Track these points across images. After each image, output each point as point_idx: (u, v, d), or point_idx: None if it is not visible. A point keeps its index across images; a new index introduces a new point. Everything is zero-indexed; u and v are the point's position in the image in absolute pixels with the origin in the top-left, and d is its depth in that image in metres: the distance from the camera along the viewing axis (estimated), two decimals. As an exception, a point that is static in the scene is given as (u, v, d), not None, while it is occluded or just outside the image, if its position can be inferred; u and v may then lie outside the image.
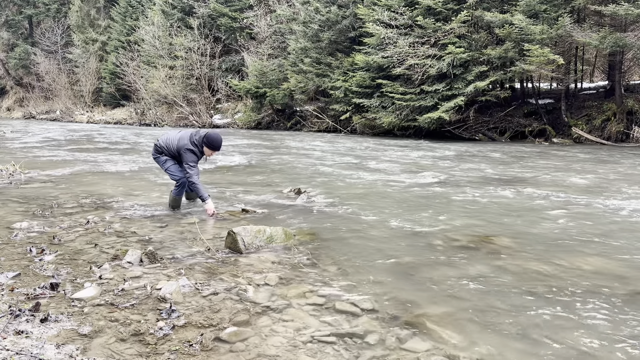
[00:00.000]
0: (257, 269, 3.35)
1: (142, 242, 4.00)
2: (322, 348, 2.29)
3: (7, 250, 3.68)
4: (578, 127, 14.51)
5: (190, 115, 26.11)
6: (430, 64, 15.00)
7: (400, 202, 5.73)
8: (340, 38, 19.13)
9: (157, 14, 28.31)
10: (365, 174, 8.07)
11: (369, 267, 3.41)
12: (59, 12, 40.84)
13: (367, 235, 4.25)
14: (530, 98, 16.93)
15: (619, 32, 12.85)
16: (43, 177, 7.52)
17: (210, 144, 4.96)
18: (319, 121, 20.42)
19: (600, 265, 3.46)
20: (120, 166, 9.03)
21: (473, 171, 8.44)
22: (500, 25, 14.12)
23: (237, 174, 7.95)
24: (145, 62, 29.04)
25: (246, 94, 23.33)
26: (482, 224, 4.71)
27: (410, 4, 15.74)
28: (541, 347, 2.30)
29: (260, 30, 23.78)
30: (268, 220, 4.73)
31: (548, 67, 13.92)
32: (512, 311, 2.69)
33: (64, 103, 36.10)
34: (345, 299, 2.84)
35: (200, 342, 2.32)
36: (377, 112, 16.64)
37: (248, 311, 2.67)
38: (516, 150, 12.30)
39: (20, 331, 2.37)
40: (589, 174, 7.99)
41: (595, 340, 2.38)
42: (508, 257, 3.63)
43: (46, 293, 2.85)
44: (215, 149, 5.01)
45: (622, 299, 2.87)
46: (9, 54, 44.43)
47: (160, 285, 2.98)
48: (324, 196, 6.01)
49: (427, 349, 2.28)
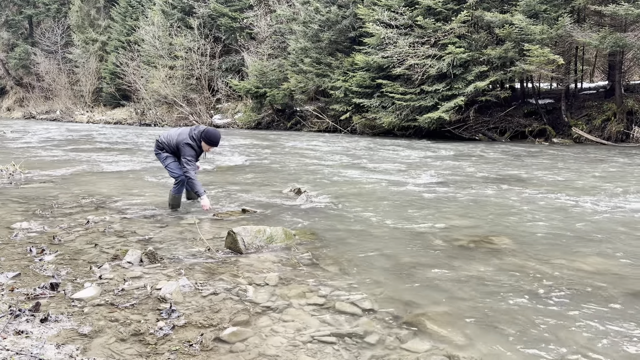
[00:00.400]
0: (257, 269, 3.35)
1: (142, 242, 4.00)
2: (322, 348, 2.29)
3: (7, 250, 3.68)
4: (578, 127, 14.51)
5: (191, 115, 26.11)
6: (430, 64, 15.00)
7: (400, 202, 5.73)
8: (340, 38, 19.13)
9: (157, 14, 28.31)
10: (365, 174, 8.07)
11: (369, 267, 3.41)
12: (59, 12, 40.85)
13: (367, 235, 4.25)
14: (530, 98, 16.93)
15: (619, 32, 12.85)
16: (43, 177, 7.52)
17: (209, 139, 4.99)
18: (319, 121, 20.42)
19: (600, 265, 3.47)
20: (120, 166, 9.03)
21: (473, 171, 8.44)
22: (500, 25, 14.12)
23: (237, 174, 7.96)
24: (145, 62, 29.04)
25: (246, 94, 23.33)
26: (482, 224, 4.71)
27: (410, 4, 15.74)
28: (541, 347, 2.30)
29: (260, 30, 23.79)
30: (268, 220, 4.74)
31: (548, 67, 13.92)
32: (512, 311, 2.69)
33: (64, 103, 36.09)
34: (345, 299, 2.84)
35: (200, 342, 2.32)
36: (377, 112, 16.64)
37: (248, 311, 2.67)
38: (516, 151, 12.30)
39: (20, 331, 2.37)
40: (589, 174, 7.99)
41: (595, 340, 2.38)
42: (508, 257, 3.63)
43: (46, 293, 2.85)
44: (213, 144, 5.03)
45: (621, 299, 2.87)
46: (9, 54, 44.44)
47: (160, 285, 2.98)
48: (323, 196, 6.01)
49: (427, 349, 2.28)
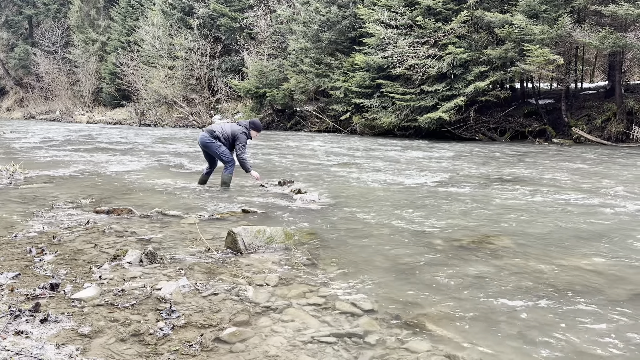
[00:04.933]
0: (257, 269, 3.34)
1: (142, 242, 4.00)
2: (322, 348, 2.29)
3: (7, 250, 3.68)
4: (578, 127, 14.51)
5: (190, 116, 26.11)
6: (430, 64, 15.00)
7: (400, 202, 5.73)
8: (340, 38, 19.13)
9: (157, 14, 28.32)
10: (365, 174, 8.06)
11: (369, 267, 3.41)
12: (59, 12, 40.87)
13: (367, 235, 4.25)
14: (530, 98, 16.93)
15: (619, 32, 12.85)
16: (43, 177, 7.51)
17: (256, 127, 6.69)
18: (319, 121, 20.42)
19: (601, 265, 3.46)
20: (119, 166, 9.02)
21: (473, 171, 8.44)
22: (500, 25, 14.13)
23: (236, 174, 7.95)
24: (145, 62, 29.04)
25: (246, 94, 23.35)
26: (482, 223, 4.71)
27: (410, 4, 15.75)
28: (541, 347, 2.30)
29: (260, 30, 23.79)
30: (268, 221, 4.73)
31: (548, 67, 13.93)
32: (512, 311, 2.69)
33: (63, 103, 36.10)
34: (345, 299, 2.84)
35: (200, 342, 2.32)
36: (377, 112, 16.64)
37: (248, 311, 2.67)
38: (516, 151, 12.29)
39: (20, 331, 2.36)
40: (589, 174, 7.98)
41: (595, 340, 2.38)
42: (508, 257, 3.63)
43: (46, 293, 2.85)
44: (259, 130, 6.76)
45: (621, 299, 2.87)
46: (8, 54, 44.45)
47: (160, 286, 2.97)
48: (324, 196, 6.01)
49: (427, 349, 2.28)
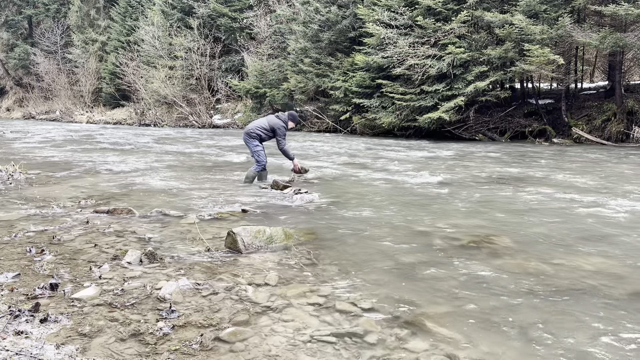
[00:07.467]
0: (257, 269, 3.34)
1: (142, 242, 4.00)
2: (322, 348, 2.29)
3: (7, 250, 3.68)
4: (578, 128, 14.50)
5: (190, 116, 26.10)
6: (430, 64, 15.00)
7: (400, 202, 5.73)
8: (340, 38, 19.11)
9: (157, 14, 28.29)
10: (365, 174, 8.07)
11: (369, 266, 3.41)
12: (59, 12, 40.82)
13: (367, 235, 4.25)
14: (530, 98, 16.93)
15: (619, 32, 12.85)
16: (43, 177, 7.52)
17: (294, 118, 7.06)
18: (319, 121, 20.41)
19: (601, 265, 3.46)
20: (119, 166, 9.03)
21: (473, 171, 8.44)
22: (500, 25, 14.12)
23: (237, 174, 7.96)
24: (145, 62, 29.01)
25: (246, 94, 23.33)
26: (483, 223, 4.70)
27: (410, 4, 15.74)
28: (541, 347, 2.30)
29: (260, 30, 23.78)
30: (268, 221, 4.73)
31: (548, 67, 13.92)
32: (512, 311, 2.69)
33: (63, 103, 36.07)
34: (345, 298, 2.84)
35: (200, 342, 2.32)
36: (377, 112, 16.63)
37: (248, 311, 2.67)
38: (516, 151, 12.29)
39: (20, 331, 2.36)
40: (589, 174, 7.98)
41: (595, 340, 2.38)
42: (508, 257, 3.63)
43: (46, 293, 2.85)
44: (297, 122, 7.21)
45: (622, 299, 2.87)
46: (8, 54, 44.41)
47: (160, 285, 2.98)
48: (324, 196, 6.00)
49: (427, 349, 2.28)
